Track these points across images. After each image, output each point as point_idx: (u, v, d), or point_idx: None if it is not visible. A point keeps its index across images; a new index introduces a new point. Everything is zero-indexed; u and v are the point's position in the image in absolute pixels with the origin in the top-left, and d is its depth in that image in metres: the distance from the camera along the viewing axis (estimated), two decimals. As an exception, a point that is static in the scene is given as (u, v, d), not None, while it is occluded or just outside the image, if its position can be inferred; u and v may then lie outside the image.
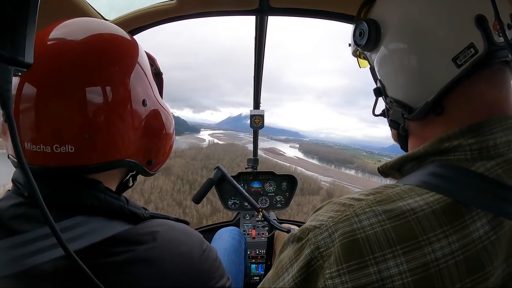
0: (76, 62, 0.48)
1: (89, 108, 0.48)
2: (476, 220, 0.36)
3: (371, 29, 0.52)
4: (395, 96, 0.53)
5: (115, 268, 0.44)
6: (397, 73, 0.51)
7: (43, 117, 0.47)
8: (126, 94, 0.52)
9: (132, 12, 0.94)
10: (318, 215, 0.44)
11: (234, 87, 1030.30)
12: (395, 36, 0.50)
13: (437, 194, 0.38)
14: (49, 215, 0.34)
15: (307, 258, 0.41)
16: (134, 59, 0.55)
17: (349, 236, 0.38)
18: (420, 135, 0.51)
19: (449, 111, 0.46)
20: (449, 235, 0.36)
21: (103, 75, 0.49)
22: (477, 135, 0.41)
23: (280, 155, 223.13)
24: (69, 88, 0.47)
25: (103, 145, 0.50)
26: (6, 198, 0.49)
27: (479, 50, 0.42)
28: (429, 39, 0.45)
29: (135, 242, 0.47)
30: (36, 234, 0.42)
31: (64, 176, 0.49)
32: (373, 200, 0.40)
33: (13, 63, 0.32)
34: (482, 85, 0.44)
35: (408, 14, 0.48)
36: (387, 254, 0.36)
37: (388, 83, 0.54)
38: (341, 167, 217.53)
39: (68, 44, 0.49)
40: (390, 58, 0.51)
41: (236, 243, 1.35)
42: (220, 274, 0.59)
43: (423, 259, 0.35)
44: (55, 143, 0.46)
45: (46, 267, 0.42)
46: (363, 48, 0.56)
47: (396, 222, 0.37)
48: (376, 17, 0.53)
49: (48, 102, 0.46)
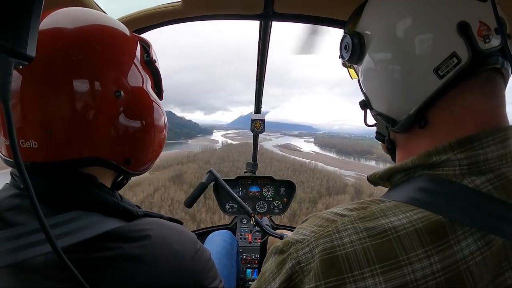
0: (45, 51, 0.46)
1: (50, 102, 0.46)
2: (461, 239, 0.35)
3: (354, 42, 0.52)
4: (379, 109, 0.53)
5: (106, 264, 0.44)
6: (380, 85, 0.51)
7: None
8: (90, 85, 0.48)
9: (137, 12, 0.95)
10: (302, 228, 0.44)
11: (243, 85, 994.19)
12: (377, 48, 0.50)
13: (422, 212, 0.38)
14: (39, 209, 0.34)
15: (288, 273, 0.41)
16: (107, 47, 0.51)
17: (328, 252, 0.38)
18: (406, 148, 0.50)
19: (434, 123, 0.45)
20: (431, 255, 0.35)
21: (66, 65, 0.47)
22: (467, 149, 0.40)
23: (296, 151, 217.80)
24: (32, 81, 0.46)
25: (64, 142, 0.48)
26: (3, 190, 0.50)
27: (462, 59, 0.41)
28: (409, 50, 0.44)
29: (127, 239, 0.47)
30: (29, 228, 0.42)
31: (58, 171, 0.49)
32: (356, 217, 0.40)
33: (14, 55, 0.32)
34: (468, 95, 0.42)
35: (389, 25, 0.47)
36: (365, 273, 0.35)
37: (372, 96, 0.54)
38: (360, 159, 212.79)
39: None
40: (373, 70, 0.51)
41: (227, 246, 1.35)
42: (213, 275, 0.59)
43: (402, 280, 0.34)
44: (21, 138, 0.46)
45: (37, 261, 0.42)
46: (349, 61, 0.56)
47: (376, 240, 0.37)
48: (360, 30, 0.53)
49: (16, 95, 0.46)
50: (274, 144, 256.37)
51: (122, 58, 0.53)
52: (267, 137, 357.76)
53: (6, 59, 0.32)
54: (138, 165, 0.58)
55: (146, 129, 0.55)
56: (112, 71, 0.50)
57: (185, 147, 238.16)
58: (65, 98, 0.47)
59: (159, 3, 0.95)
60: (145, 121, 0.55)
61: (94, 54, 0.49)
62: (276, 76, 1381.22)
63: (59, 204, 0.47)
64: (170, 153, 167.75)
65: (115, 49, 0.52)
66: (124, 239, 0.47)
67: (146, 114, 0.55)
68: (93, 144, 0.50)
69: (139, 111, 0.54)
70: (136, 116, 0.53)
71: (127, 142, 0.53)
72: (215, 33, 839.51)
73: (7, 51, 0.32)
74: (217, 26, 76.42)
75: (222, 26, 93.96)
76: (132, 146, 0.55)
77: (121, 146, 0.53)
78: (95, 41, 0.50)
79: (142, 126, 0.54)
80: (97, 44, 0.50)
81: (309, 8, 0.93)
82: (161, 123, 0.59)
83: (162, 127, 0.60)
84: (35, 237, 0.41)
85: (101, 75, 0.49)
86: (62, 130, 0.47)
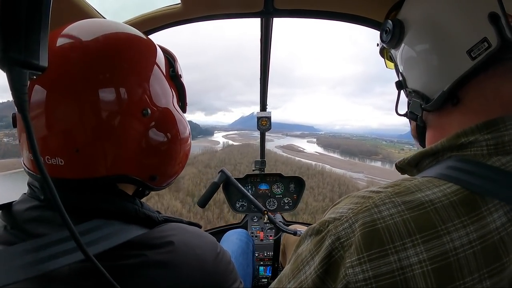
0: (73, 67, 0.46)
1: (76, 119, 0.46)
2: (492, 211, 0.37)
3: (395, 27, 0.57)
4: (414, 87, 0.56)
5: (130, 271, 0.45)
6: (416, 65, 0.55)
7: (36, 127, 0.46)
8: (118, 103, 0.47)
9: (138, 16, 0.96)
10: (337, 208, 0.45)
11: (244, 85, 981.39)
12: (416, 32, 0.55)
13: (454, 186, 0.39)
14: (68, 218, 0.35)
15: (328, 249, 0.41)
16: (135, 61, 0.51)
17: (369, 225, 0.39)
18: (438, 126, 0.53)
19: (465, 102, 0.48)
20: (466, 225, 0.36)
21: (92, 81, 0.46)
22: (493, 131, 0.42)
23: (300, 152, 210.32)
24: (57, 98, 0.46)
25: (91, 160, 0.48)
26: (22, 201, 0.50)
27: (492, 44, 0.43)
28: (445, 33, 0.48)
29: (150, 246, 0.47)
30: (51, 239, 0.43)
31: (83, 186, 0.49)
32: (392, 192, 0.41)
33: (28, 67, 0.33)
34: (496, 80, 0.45)
35: (427, 12, 0.52)
36: (407, 243, 0.36)
37: (408, 75, 0.58)
38: (365, 160, 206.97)
39: (65, 49, 0.47)
40: (411, 52, 0.56)
41: (243, 245, 1.35)
42: (233, 277, 0.59)
43: (442, 248, 0.35)
44: (46, 155, 0.46)
45: (61, 270, 0.42)
46: (388, 44, 0.61)
47: (415, 212, 0.38)
48: (401, 18, 0.58)
49: (41, 112, 0.46)
50: (277, 145, 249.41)
51: (149, 73, 0.52)
52: (269, 138, 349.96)
53: (20, 71, 0.33)
54: (164, 180, 0.58)
55: (172, 144, 0.55)
56: (140, 88, 0.50)
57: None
58: (91, 116, 0.46)
59: (157, 6, 0.95)
60: (171, 136, 0.55)
61: (122, 70, 0.48)
62: (278, 75, 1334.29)
63: (80, 213, 0.47)
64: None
65: (143, 64, 0.52)
66: (147, 246, 0.47)
67: (172, 130, 0.55)
68: (120, 162, 0.50)
69: (165, 128, 0.54)
70: (162, 133, 0.53)
71: (154, 159, 0.54)
72: (215, 30, 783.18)
73: (21, 63, 0.32)
74: (216, 23, 75.79)
75: (222, 23, 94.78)
76: (158, 163, 0.55)
77: (147, 163, 0.53)
78: (123, 56, 0.49)
79: (168, 141, 0.54)
80: (125, 59, 0.49)
81: (310, 2, 0.92)
82: (186, 135, 0.59)
83: (187, 138, 0.60)
84: (57, 248, 0.42)
85: (128, 93, 0.48)
86: (89, 149, 0.47)
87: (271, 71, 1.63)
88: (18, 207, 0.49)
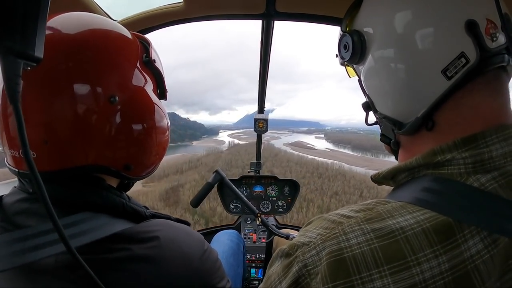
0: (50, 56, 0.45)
1: (43, 110, 0.45)
2: (468, 238, 0.35)
3: (355, 42, 0.49)
4: (384, 112, 0.51)
5: (115, 264, 0.45)
6: (384, 87, 0.48)
7: (10, 121, 0.46)
8: (82, 92, 0.46)
9: (139, 13, 0.96)
10: (307, 230, 0.43)
11: (248, 82, 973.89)
12: (380, 48, 0.47)
13: (429, 212, 0.37)
14: (52, 210, 0.34)
15: (295, 276, 0.40)
16: (102, 51, 0.49)
17: (336, 255, 0.37)
18: (410, 149, 0.49)
19: (441, 125, 0.44)
20: (439, 255, 0.34)
21: (59, 71, 0.46)
22: (471, 148, 0.39)
23: (310, 149, 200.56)
24: (28, 89, 0.44)
25: (61, 151, 0.47)
26: (12, 194, 0.50)
27: (470, 59, 0.39)
28: (416, 50, 0.42)
29: (136, 240, 0.47)
30: (38, 230, 0.43)
31: (63, 177, 0.49)
32: (363, 218, 0.39)
33: (23, 57, 0.32)
34: (475, 95, 0.41)
35: (392, 23, 0.45)
36: (374, 275, 0.35)
37: (376, 98, 0.52)
38: (379, 155, 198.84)
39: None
40: (377, 72, 0.49)
41: (234, 246, 1.34)
42: (220, 275, 0.59)
43: (411, 280, 0.34)
44: (19, 148, 0.46)
45: (47, 262, 0.42)
46: (349, 62, 0.53)
47: (384, 241, 0.36)
48: (360, 28, 0.50)
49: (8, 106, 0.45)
50: (285, 143, 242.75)
51: (117, 60, 0.51)
52: (275, 135, 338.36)
53: (14, 60, 0.32)
54: (140, 170, 0.57)
55: (147, 133, 0.54)
56: (106, 76, 0.49)
57: (190, 149, 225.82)
58: (57, 107, 0.46)
59: (160, 4, 0.95)
60: (145, 124, 0.53)
61: (88, 60, 0.48)
62: (283, 71, 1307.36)
63: (68, 206, 0.47)
64: (172, 158, 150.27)
65: (110, 52, 0.51)
66: (132, 240, 0.47)
67: (146, 117, 0.53)
68: (90, 152, 0.49)
69: (137, 115, 0.52)
70: (135, 121, 0.52)
71: (126, 148, 0.52)
72: (216, 25, 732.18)
73: (15, 52, 0.32)
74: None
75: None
76: (132, 151, 0.53)
77: (120, 152, 0.51)
78: (89, 45, 0.48)
79: (143, 129, 0.53)
80: (91, 48, 0.48)
81: (311, 6, 0.93)
82: (163, 124, 0.57)
83: (165, 129, 0.58)
84: (44, 239, 0.42)
85: (92, 80, 0.47)
86: (57, 140, 0.47)
87: (276, 68, 1.62)
88: (7, 199, 0.49)
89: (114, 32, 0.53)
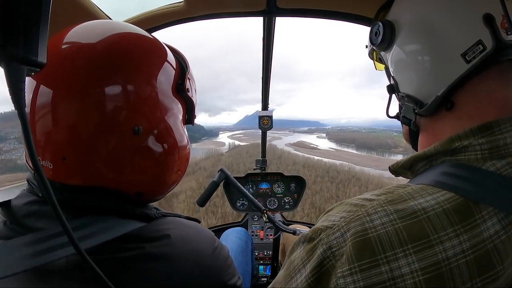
0: (76, 66, 0.45)
1: (66, 127, 0.46)
2: (486, 219, 0.36)
3: (386, 29, 0.56)
4: (407, 91, 0.55)
5: (127, 263, 0.45)
6: (409, 69, 0.53)
7: (36, 128, 0.46)
8: (108, 121, 0.46)
9: (140, 14, 0.96)
10: (330, 215, 0.44)
11: (247, 81, 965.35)
12: (408, 34, 0.53)
13: (448, 193, 0.39)
14: (61, 213, 0.35)
15: (319, 258, 0.41)
16: (133, 70, 0.49)
17: (361, 235, 0.38)
18: (431, 131, 0.52)
19: (459, 107, 0.47)
20: (460, 234, 0.36)
21: (90, 91, 0.45)
22: (487, 134, 0.42)
23: (313, 149, 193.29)
24: (55, 108, 0.45)
25: (77, 170, 0.47)
26: (21, 196, 0.50)
27: (487, 47, 0.43)
28: (439, 36, 0.47)
29: (147, 239, 0.48)
30: (49, 233, 0.43)
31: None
32: (385, 200, 0.41)
33: (26, 63, 0.32)
34: (491, 82, 0.45)
35: (419, 13, 0.51)
36: (398, 253, 0.36)
37: (401, 79, 0.57)
38: (385, 154, 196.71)
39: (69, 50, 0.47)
40: (403, 55, 0.54)
41: (243, 243, 1.35)
42: (232, 272, 0.59)
43: (434, 258, 0.35)
44: (39, 156, 0.47)
45: (59, 263, 0.43)
46: (378, 47, 0.59)
47: (407, 221, 0.37)
48: (391, 19, 0.57)
49: (39, 116, 0.46)
50: (287, 143, 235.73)
51: (150, 95, 0.50)
52: (277, 136, 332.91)
53: (18, 67, 0.32)
54: (152, 196, 0.57)
55: (164, 168, 0.54)
56: (135, 107, 0.48)
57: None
58: (81, 129, 0.46)
59: (161, 4, 0.95)
60: (163, 158, 0.53)
61: (121, 76, 0.47)
62: (283, 70, 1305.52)
63: (77, 209, 0.47)
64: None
65: (144, 72, 0.50)
66: (144, 239, 0.47)
67: (165, 151, 0.53)
68: (106, 176, 0.49)
69: (158, 146, 0.52)
70: (155, 152, 0.51)
71: (142, 178, 0.52)
72: (214, 23, 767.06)
73: (18, 59, 0.32)
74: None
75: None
76: (147, 181, 0.53)
77: (135, 180, 0.51)
78: (122, 57, 0.48)
79: (158, 163, 0.53)
80: (124, 67, 0.48)
81: (312, 1, 0.92)
82: (184, 153, 0.57)
83: (185, 163, 0.59)
84: (55, 241, 0.42)
85: (121, 109, 0.47)
86: (75, 160, 0.47)
87: (276, 66, 1.61)
88: (16, 202, 0.50)
89: (159, 51, 0.53)
